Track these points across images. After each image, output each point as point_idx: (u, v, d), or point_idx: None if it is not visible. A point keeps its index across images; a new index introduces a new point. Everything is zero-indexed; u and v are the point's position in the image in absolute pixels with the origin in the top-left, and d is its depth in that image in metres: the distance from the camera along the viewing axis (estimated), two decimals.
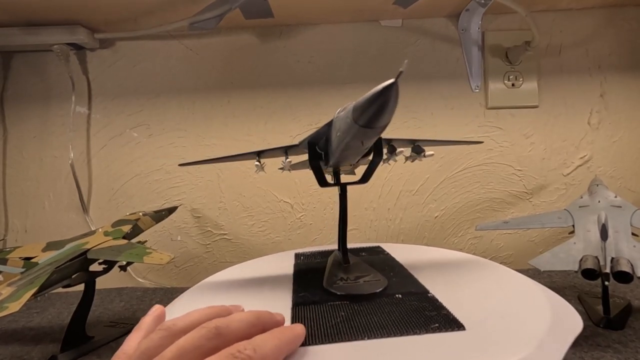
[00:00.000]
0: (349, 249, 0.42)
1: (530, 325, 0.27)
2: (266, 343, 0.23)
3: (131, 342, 0.24)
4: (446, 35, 0.79)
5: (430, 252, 0.50)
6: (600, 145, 0.78)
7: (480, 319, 0.28)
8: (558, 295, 0.33)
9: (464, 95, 0.79)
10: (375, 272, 0.38)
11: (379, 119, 0.24)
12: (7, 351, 0.53)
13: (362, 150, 0.31)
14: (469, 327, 0.27)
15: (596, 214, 0.53)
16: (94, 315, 0.62)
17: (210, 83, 0.81)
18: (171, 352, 0.21)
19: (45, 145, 0.81)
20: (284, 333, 0.25)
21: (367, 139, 0.27)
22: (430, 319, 0.28)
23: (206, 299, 0.38)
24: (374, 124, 0.24)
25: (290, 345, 0.24)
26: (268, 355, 0.22)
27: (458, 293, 0.34)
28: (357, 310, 0.31)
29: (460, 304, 0.31)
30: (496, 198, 0.80)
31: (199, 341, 0.22)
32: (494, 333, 0.26)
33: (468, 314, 0.29)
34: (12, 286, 0.43)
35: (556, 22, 0.78)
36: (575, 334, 0.26)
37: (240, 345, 0.22)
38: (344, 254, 0.41)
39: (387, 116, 0.24)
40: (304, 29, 0.80)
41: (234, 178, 0.81)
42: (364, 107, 0.23)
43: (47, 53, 0.78)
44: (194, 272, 0.82)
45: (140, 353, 0.22)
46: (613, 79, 0.78)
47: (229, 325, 0.23)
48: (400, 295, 0.33)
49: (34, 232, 0.82)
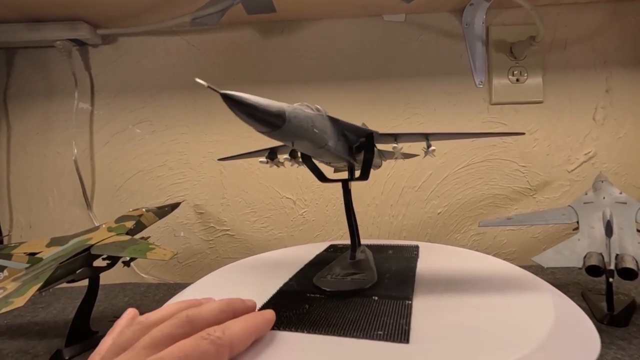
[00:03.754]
0: (379, 245, 0.43)
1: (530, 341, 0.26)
2: (235, 325, 0.24)
3: (105, 344, 0.24)
4: (450, 30, 0.78)
5: (467, 257, 0.47)
6: (605, 142, 0.78)
7: (451, 334, 0.27)
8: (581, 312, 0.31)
9: (467, 91, 0.78)
10: (370, 271, 0.38)
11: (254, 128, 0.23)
12: (13, 346, 0.53)
13: (315, 151, 0.30)
14: (415, 342, 0.26)
15: (601, 210, 0.53)
16: (98, 310, 0.63)
17: (212, 79, 0.80)
18: (144, 342, 0.21)
19: (49, 142, 0.82)
20: (253, 317, 0.26)
21: (284, 140, 0.26)
22: (381, 326, 0.28)
23: (209, 293, 0.38)
24: (265, 132, 0.24)
25: (259, 328, 0.26)
26: (236, 337, 0.23)
27: (454, 302, 0.32)
28: (324, 305, 0.32)
29: (446, 316, 0.30)
30: (499, 194, 0.79)
31: (170, 329, 0.22)
32: (444, 351, 0.25)
33: (439, 328, 0.27)
34: (17, 281, 0.43)
35: (561, 16, 0.77)
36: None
37: (210, 328, 0.23)
38: (352, 250, 0.41)
39: (253, 125, 0.23)
40: (306, 24, 0.79)
41: (237, 174, 0.81)
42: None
43: (50, 49, 0.78)
44: (197, 267, 0.83)
45: (114, 347, 0.22)
46: (619, 74, 0.77)
47: (200, 312, 0.24)
48: (377, 297, 0.33)
49: (38, 228, 0.83)
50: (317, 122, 0.27)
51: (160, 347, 0.21)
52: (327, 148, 0.30)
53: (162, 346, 0.21)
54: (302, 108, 0.25)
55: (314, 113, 0.27)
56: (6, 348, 0.53)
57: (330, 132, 0.30)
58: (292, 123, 0.23)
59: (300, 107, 0.25)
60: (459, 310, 0.31)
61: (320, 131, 0.27)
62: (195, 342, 0.21)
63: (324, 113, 0.29)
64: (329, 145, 0.30)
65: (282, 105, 0.23)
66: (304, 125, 0.25)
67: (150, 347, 0.21)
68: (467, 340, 0.26)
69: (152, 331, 0.22)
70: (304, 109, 0.26)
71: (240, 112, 0.21)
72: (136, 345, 0.21)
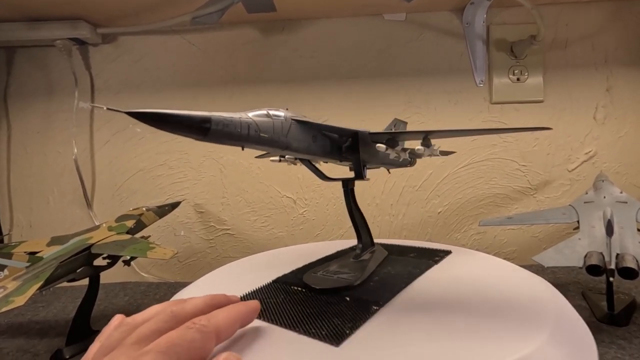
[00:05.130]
0: (404, 247, 0.44)
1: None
2: (219, 314, 0.24)
3: (93, 348, 0.24)
4: (450, 29, 0.78)
5: (492, 266, 0.42)
6: (605, 141, 0.78)
7: (406, 341, 0.26)
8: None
9: (468, 90, 0.78)
10: (360, 272, 0.38)
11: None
12: (14, 344, 0.53)
13: (280, 152, 0.33)
14: (345, 348, 0.26)
15: (601, 209, 0.53)
16: (99, 309, 0.63)
17: (212, 78, 0.80)
18: (131, 339, 0.22)
19: (49, 141, 0.82)
20: (237, 306, 0.26)
21: (219, 143, 0.29)
22: (327, 326, 0.28)
23: (209, 292, 0.38)
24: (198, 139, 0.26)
25: (243, 317, 0.26)
26: (221, 324, 0.24)
27: (433, 312, 0.30)
28: (297, 299, 0.34)
29: (415, 324, 0.28)
30: (500, 194, 0.79)
31: (156, 325, 0.23)
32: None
33: (397, 335, 0.27)
34: (17, 280, 0.43)
35: (562, 15, 0.77)
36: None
37: (195, 318, 0.23)
38: (362, 250, 0.41)
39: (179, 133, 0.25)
40: (307, 23, 0.79)
41: (237, 174, 0.81)
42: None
43: (50, 48, 0.78)
44: (197, 266, 0.83)
45: (102, 348, 0.22)
46: (619, 73, 0.77)
47: (184, 308, 0.25)
48: (349, 298, 0.34)
49: (39, 227, 0.83)
50: (264, 126, 0.29)
51: (147, 342, 0.21)
52: (294, 149, 0.32)
53: (149, 341, 0.21)
54: (238, 115, 0.28)
55: (259, 119, 0.29)
56: (7, 347, 0.53)
57: (294, 134, 0.31)
58: (219, 130, 0.26)
59: (234, 115, 0.27)
60: (436, 319, 0.29)
61: (273, 135, 0.29)
62: (182, 332, 0.22)
63: (284, 118, 0.31)
64: (293, 147, 0.32)
65: (204, 114, 0.26)
66: (234, 132, 0.27)
67: (138, 343, 0.21)
68: (424, 349, 0.25)
69: (138, 328, 0.23)
70: (241, 116, 0.28)
71: (158, 127, 0.24)
72: (124, 342, 0.22)
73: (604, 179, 0.61)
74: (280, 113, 0.31)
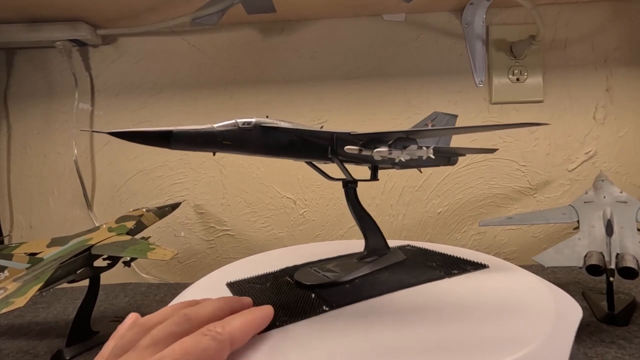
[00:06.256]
0: (436, 253, 0.44)
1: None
2: (234, 321, 0.24)
3: (108, 347, 0.25)
4: (450, 30, 0.78)
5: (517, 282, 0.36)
6: (605, 141, 0.78)
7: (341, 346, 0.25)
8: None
9: (467, 90, 0.78)
10: (347, 273, 0.37)
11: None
12: (14, 346, 0.53)
13: (241, 154, 0.35)
14: (263, 339, 0.26)
15: (601, 209, 0.53)
16: (99, 310, 0.63)
17: (212, 79, 0.80)
18: (145, 341, 0.22)
19: (49, 142, 0.82)
20: (252, 312, 0.26)
21: (189, 150, 0.32)
22: (289, 320, 0.29)
23: (210, 293, 0.38)
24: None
25: (258, 323, 0.26)
26: (236, 332, 0.23)
27: (396, 323, 0.28)
28: (278, 288, 0.36)
29: (367, 331, 0.27)
30: (500, 194, 0.79)
31: (169, 328, 0.23)
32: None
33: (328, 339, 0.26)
34: (17, 281, 0.43)
35: (561, 15, 0.77)
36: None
37: (210, 324, 0.23)
38: (365, 249, 0.41)
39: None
40: (306, 24, 0.79)
41: (237, 174, 0.81)
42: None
43: (50, 49, 0.78)
44: (198, 267, 0.83)
45: (116, 349, 0.23)
46: (619, 73, 0.77)
47: (197, 310, 0.25)
48: (314, 295, 0.34)
49: (39, 228, 0.83)
50: (227, 134, 0.31)
51: (161, 346, 0.21)
52: (263, 153, 0.34)
53: (163, 344, 0.22)
54: (203, 127, 0.30)
55: (224, 129, 0.31)
56: (7, 348, 0.53)
57: (263, 140, 0.33)
58: (180, 140, 0.29)
59: (200, 127, 0.30)
60: (387, 330, 0.27)
61: (235, 141, 0.32)
62: (197, 339, 0.22)
63: (252, 126, 0.32)
64: (262, 151, 0.34)
65: (166, 129, 0.29)
66: (196, 141, 0.30)
67: (152, 346, 0.21)
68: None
69: (152, 331, 0.23)
70: (206, 127, 0.31)
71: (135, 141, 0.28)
72: (138, 345, 0.22)
73: (603, 179, 0.61)
74: (251, 120, 0.32)
